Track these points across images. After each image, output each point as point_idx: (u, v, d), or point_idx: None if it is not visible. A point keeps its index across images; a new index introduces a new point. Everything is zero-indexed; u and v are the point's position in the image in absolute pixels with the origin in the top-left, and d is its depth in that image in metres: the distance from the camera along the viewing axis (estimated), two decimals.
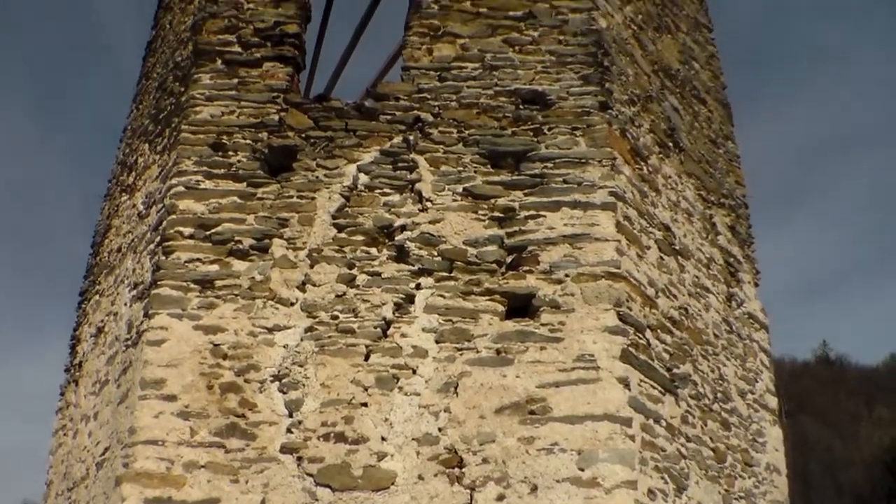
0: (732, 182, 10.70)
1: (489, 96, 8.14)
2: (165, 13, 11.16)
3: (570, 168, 7.74)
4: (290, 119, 8.05)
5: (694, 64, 10.93)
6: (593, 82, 8.22)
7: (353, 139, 7.92)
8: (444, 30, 8.52)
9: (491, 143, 7.86)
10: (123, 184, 9.90)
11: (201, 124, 8.12)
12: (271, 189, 7.76)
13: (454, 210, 7.57)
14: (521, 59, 8.36)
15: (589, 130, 7.95)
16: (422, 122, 7.99)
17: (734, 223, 10.26)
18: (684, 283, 8.54)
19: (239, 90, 8.27)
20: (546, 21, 8.61)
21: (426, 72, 8.28)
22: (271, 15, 8.70)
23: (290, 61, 8.45)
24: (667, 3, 10.91)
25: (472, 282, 7.28)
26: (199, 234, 7.60)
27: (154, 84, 10.08)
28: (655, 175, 8.63)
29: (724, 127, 11.11)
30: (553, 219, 7.52)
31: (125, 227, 9.21)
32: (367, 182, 7.74)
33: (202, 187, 7.81)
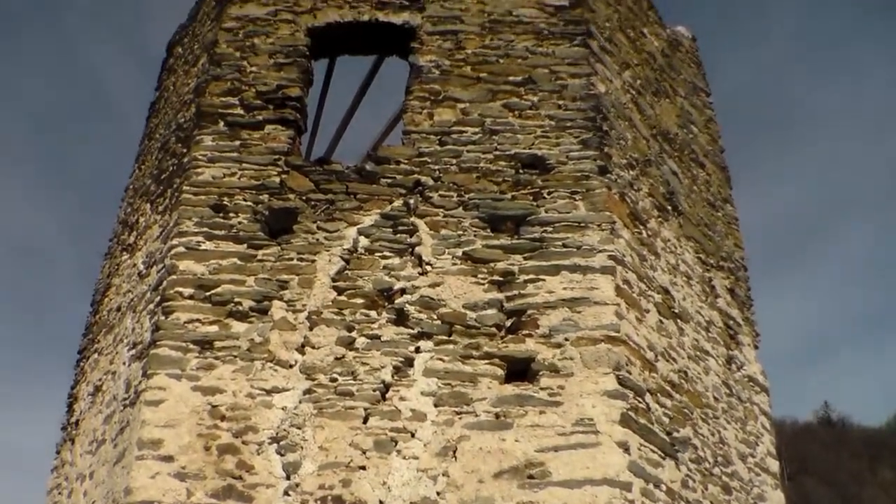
0: (731, 245, 10.74)
1: (489, 160, 8.22)
2: (169, 75, 11.28)
3: (570, 232, 7.78)
4: (291, 182, 8.12)
5: (692, 128, 11.02)
6: (592, 147, 8.29)
7: (354, 202, 7.98)
8: (444, 94, 8.63)
9: (491, 207, 7.92)
10: (124, 243, 9.93)
11: (203, 185, 8.18)
12: (272, 251, 7.79)
13: (454, 274, 7.59)
14: (520, 124, 8.46)
15: (588, 194, 8.00)
16: (422, 186, 8.06)
17: (733, 286, 10.27)
18: (684, 346, 8.53)
19: (241, 152, 8.35)
20: (545, 86, 8.72)
21: (427, 136, 8.37)
22: (274, 78, 8.82)
23: (291, 124, 8.55)
24: (665, 68, 11.03)
25: (471, 345, 7.27)
26: (198, 295, 7.61)
27: (157, 144, 10.16)
28: (654, 238, 8.66)
29: (722, 190, 11.17)
30: (552, 283, 7.53)
31: (125, 286, 9.22)
32: (367, 245, 7.78)
33: (203, 248, 7.84)
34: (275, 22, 9.30)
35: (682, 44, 12.12)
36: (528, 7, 9.39)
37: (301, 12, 9.36)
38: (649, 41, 11.03)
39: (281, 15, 9.34)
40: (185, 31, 11.50)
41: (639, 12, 11.16)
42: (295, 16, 9.33)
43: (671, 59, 11.47)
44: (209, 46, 9.48)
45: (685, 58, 12.00)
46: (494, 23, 9.22)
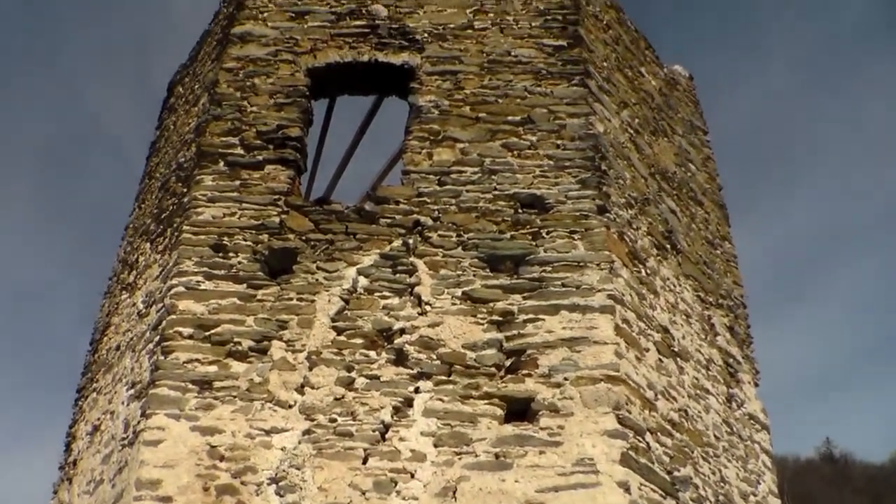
0: (730, 283, 10.74)
1: (488, 200, 8.25)
2: (170, 114, 11.34)
3: (569, 271, 7.79)
4: (290, 221, 8.15)
5: (690, 166, 11.07)
6: (591, 186, 8.33)
7: (354, 242, 8.01)
8: (443, 134, 8.68)
9: (490, 247, 7.94)
10: (124, 282, 9.93)
11: (203, 225, 8.21)
12: (271, 291, 7.80)
13: (453, 314, 7.60)
14: (519, 164, 8.51)
15: (587, 234, 8.03)
16: (421, 226, 8.09)
17: (733, 324, 10.27)
18: (684, 384, 8.51)
19: (241, 192, 8.39)
20: (544, 126, 8.77)
21: (426, 176, 8.41)
22: (274, 118, 8.87)
23: (291, 164, 8.59)
24: (662, 107, 11.10)
25: (470, 385, 7.26)
26: (198, 335, 7.61)
27: (157, 184, 10.20)
28: (654, 277, 8.68)
29: (720, 228, 11.20)
30: (552, 322, 7.54)
31: (125, 325, 9.21)
32: (366, 285, 7.79)
33: (202, 288, 7.85)
34: (275, 62, 9.38)
35: (679, 82, 12.21)
36: (527, 47, 9.47)
37: (301, 53, 9.44)
38: (647, 80, 11.11)
39: (281, 55, 9.42)
40: (186, 70, 11.58)
41: (636, 52, 11.24)
42: (295, 56, 9.41)
43: (669, 97, 11.54)
44: (210, 86, 9.54)
45: (682, 96, 12.08)
46: (493, 63, 9.30)
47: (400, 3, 9.90)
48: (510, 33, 9.62)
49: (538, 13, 9.88)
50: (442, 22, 9.70)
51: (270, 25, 9.74)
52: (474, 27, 9.68)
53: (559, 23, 9.76)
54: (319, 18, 9.76)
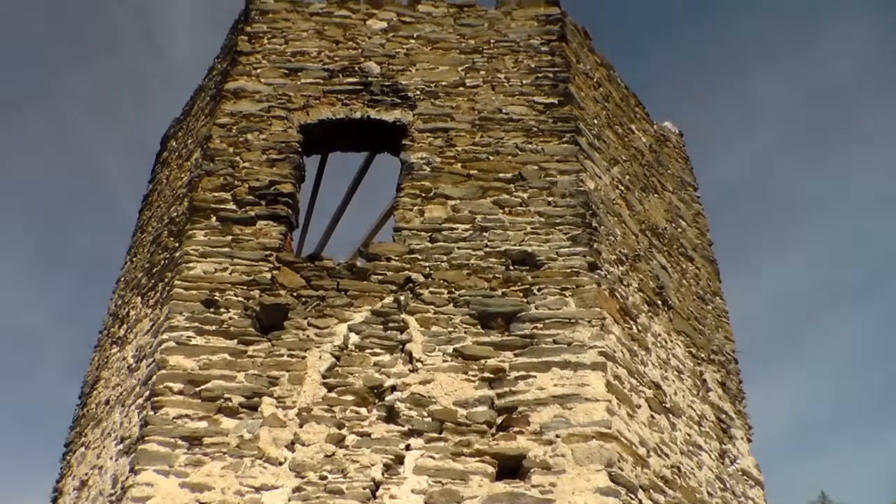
0: (722, 338, 10.75)
1: (479, 257, 8.28)
2: (163, 168, 11.39)
3: (560, 328, 7.79)
4: (282, 278, 8.15)
5: (681, 222, 11.13)
6: (582, 243, 8.37)
7: (345, 299, 8.02)
8: (435, 191, 8.74)
9: (481, 304, 7.96)
10: (114, 336, 9.90)
11: (194, 280, 8.20)
12: (262, 347, 7.78)
13: (444, 371, 7.58)
14: (510, 221, 8.55)
15: (578, 291, 8.04)
16: (413, 283, 8.10)
17: (725, 379, 10.26)
18: (676, 441, 8.48)
19: (232, 248, 8.40)
20: (535, 183, 8.83)
21: (417, 232, 8.45)
22: (266, 174, 8.92)
23: (283, 220, 8.63)
24: (653, 164, 11.18)
25: (462, 443, 7.21)
26: (188, 390, 7.56)
27: (149, 238, 10.21)
28: (645, 333, 8.68)
29: (711, 283, 11.23)
30: (543, 379, 7.52)
31: (114, 379, 9.16)
32: (357, 342, 7.77)
33: (193, 343, 7.82)
34: (268, 118, 9.44)
35: (669, 139, 12.32)
36: (518, 105, 9.57)
37: (294, 109, 9.52)
38: (637, 137, 11.20)
39: (274, 111, 9.49)
40: (180, 124, 11.66)
41: (626, 109, 11.35)
42: (288, 112, 9.48)
43: (659, 154, 11.64)
44: (203, 141, 9.60)
45: (673, 153, 12.18)
46: (484, 120, 9.39)
47: (392, 60, 10.02)
48: (501, 91, 9.74)
49: (529, 71, 10.00)
50: (434, 79, 9.81)
51: (264, 82, 9.83)
52: (466, 84, 9.79)
53: (550, 80, 9.87)
54: (312, 75, 9.86)
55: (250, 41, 10.31)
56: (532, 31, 10.54)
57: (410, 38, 10.35)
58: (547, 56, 10.19)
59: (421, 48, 10.23)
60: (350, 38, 10.31)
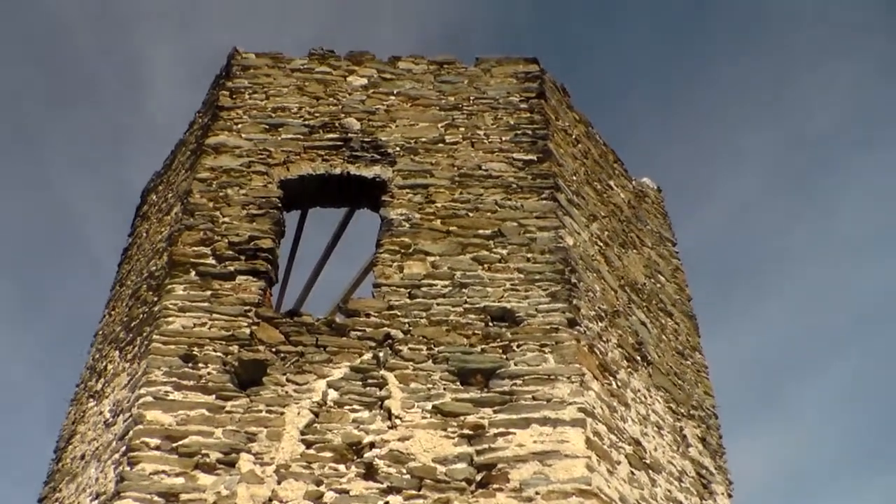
0: (701, 393, 10.76)
1: (459, 313, 8.30)
2: (143, 221, 11.38)
3: (540, 385, 7.79)
4: (261, 333, 8.14)
5: (660, 277, 11.19)
6: (561, 299, 8.40)
7: (324, 355, 8.00)
8: (414, 247, 8.77)
9: (460, 361, 7.95)
10: (91, 389, 9.82)
11: (173, 335, 8.17)
12: (240, 403, 7.74)
13: (423, 427, 7.55)
14: (490, 277, 8.59)
15: (557, 347, 8.06)
16: (392, 339, 8.10)
17: (705, 434, 10.25)
18: (656, 497, 8.45)
19: (212, 302, 8.38)
20: (515, 239, 8.88)
21: (397, 289, 8.47)
22: (246, 229, 8.93)
23: (262, 275, 8.63)
24: (632, 219, 11.26)
25: (441, 500, 7.17)
26: (165, 446, 7.49)
27: (128, 291, 10.17)
28: (624, 389, 8.69)
29: (690, 338, 11.26)
30: (523, 436, 7.50)
31: (91, 434, 9.08)
32: (336, 398, 7.74)
33: (171, 398, 7.77)
34: (248, 173, 9.47)
35: (647, 195, 12.42)
36: (497, 161, 9.65)
37: (274, 164, 9.56)
38: (616, 193, 11.30)
39: (254, 167, 9.53)
40: (160, 178, 11.67)
41: (605, 165, 11.46)
42: (268, 168, 9.52)
43: (637, 210, 11.73)
44: (183, 196, 9.61)
45: (651, 208, 12.28)
46: (464, 177, 9.46)
47: (372, 116, 10.10)
48: (481, 147, 9.82)
49: (508, 128, 10.09)
50: (414, 136, 9.89)
51: (245, 137, 9.87)
52: (445, 141, 9.87)
53: (529, 137, 9.97)
54: (293, 131, 9.92)
55: (231, 96, 10.38)
56: (511, 89, 10.66)
57: (391, 94, 10.45)
58: (526, 113, 10.30)
59: (401, 105, 10.32)
60: (331, 94, 10.40)
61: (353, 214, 10.66)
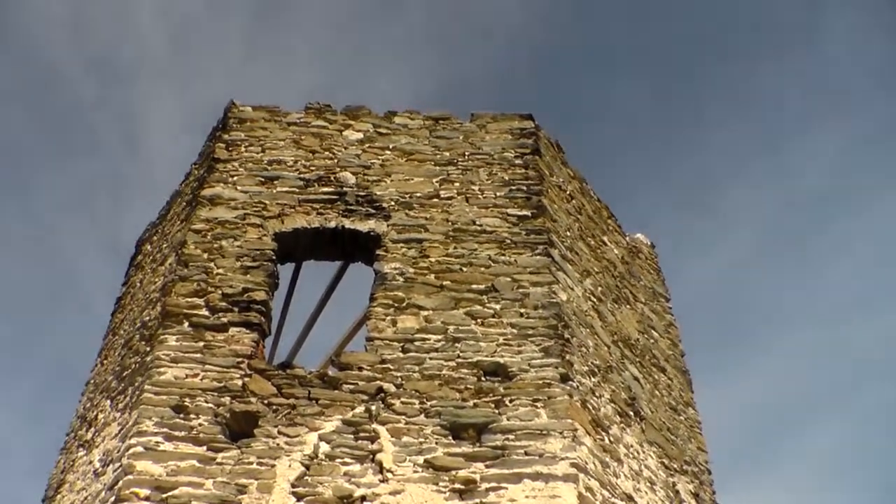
0: (694, 448, 10.73)
1: (452, 368, 8.30)
2: (137, 271, 11.40)
3: (532, 440, 7.78)
4: (253, 385, 8.13)
5: (653, 333, 11.20)
6: (554, 354, 8.41)
7: (316, 407, 7.98)
8: (408, 301, 8.80)
9: (452, 415, 7.94)
10: (81, 438, 9.77)
11: (164, 385, 8.16)
12: (231, 454, 7.71)
13: (415, 481, 7.51)
14: (483, 332, 8.61)
15: (550, 402, 8.06)
16: (384, 393, 8.09)
17: (698, 490, 10.21)
18: None
19: (204, 353, 8.39)
20: (508, 294, 8.91)
21: (389, 342, 8.48)
22: (240, 281, 8.95)
23: (255, 327, 8.64)
24: (625, 275, 11.31)
25: None
26: (155, 497, 7.44)
27: (120, 340, 10.16)
28: (617, 445, 8.67)
29: (683, 394, 11.25)
30: (514, 491, 7.47)
31: (80, 483, 9.03)
32: (327, 451, 7.71)
33: (161, 449, 7.74)
34: (243, 225, 9.51)
35: (641, 251, 12.48)
36: (491, 217, 9.71)
37: (269, 217, 9.60)
38: (609, 249, 11.35)
39: (249, 219, 9.57)
40: (155, 228, 11.70)
41: (599, 221, 11.52)
42: (263, 220, 9.57)
43: (631, 265, 11.78)
44: (178, 246, 9.63)
45: (645, 264, 12.33)
46: (458, 231, 9.51)
47: (367, 171, 10.17)
48: (475, 202, 9.89)
49: (503, 183, 10.16)
50: (408, 190, 9.95)
51: (240, 189, 9.92)
52: (440, 196, 9.93)
53: (523, 193, 10.03)
54: (288, 184, 9.98)
55: (228, 148, 10.44)
56: (506, 144, 10.75)
57: (386, 149, 10.53)
58: (521, 169, 10.38)
59: (396, 159, 10.40)
60: (326, 148, 10.47)
61: (346, 268, 10.68)
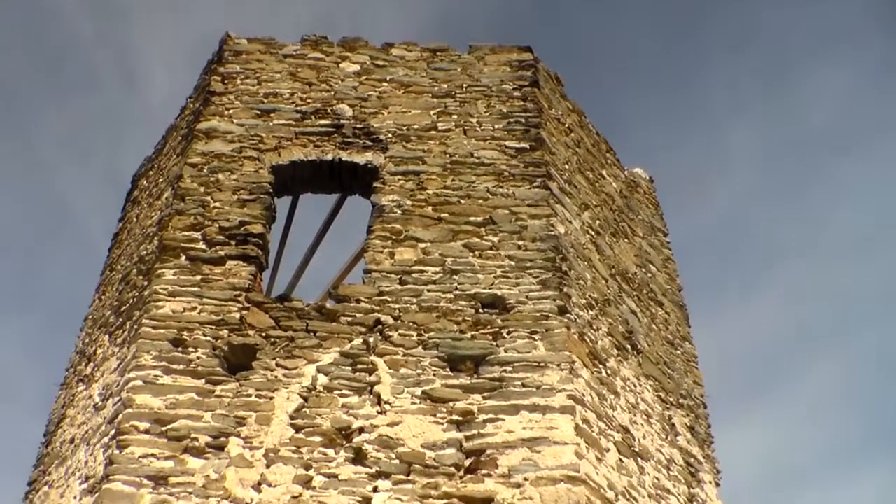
0: (691, 382, 10.78)
1: (449, 300, 8.30)
2: (133, 206, 11.35)
3: (529, 372, 7.81)
4: (251, 318, 8.13)
5: (651, 267, 11.20)
6: (552, 287, 8.41)
7: (314, 340, 8.00)
8: (405, 234, 8.77)
9: (450, 347, 7.96)
10: (81, 374, 9.80)
11: (162, 319, 8.16)
12: (230, 387, 7.74)
13: (413, 413, 7.56)
14: (480, 264, 8.59)
15: (548, 334, 8.07)
16: (382, 325, 8.10)
17: (693, 423, 10.28)
18: (644, 485, 8.47)
19: (201, 287, 8.37)
20: (506, 227, 8.88)
21: (387, 275, 8.47)
22: (237, 214, 8.91)
23: (253, 260, 8.62)
24: (623, 209, 11.27)
25: (429, 485, 7.19)
26: (154, 430, 7.48)
27: (118, 276, 10.15)
28: (614, 378, 8.70)
29: (680, 328, 11.28)
30: (512, 422, 7.52)
31: (80, 417, 9.07)
32: (326, 383, 7.74)
33: (160, 382, 7.76)
34: (239, 159, 9.45)
35: (639, 185, 12.43)
36: (490, 149, 9.65)
37: (266, 150, 9.54)
38: (608, 182, 11.30)
39: (246, 152, 9.51)
40: (151, 163, 11.63)
41: (597, 154, 11.46)
42: (260, 153, 9.50)
43: (629, 199, 11.74)
44: (174, 180, 9.58)
45: (643, 198, 12.29)
46: (456, 164, 9.45)
47: (365, 103, 10.08)
48: (473, 135, 9.81)
49: (501, 116, 10.08)
50: (406, 123, 9.87)
51: (236, 122, 9.85)
52: (438, 128, 9.85)
53: (522, 125, 9.96)
54: (285, 117, 9.89)
55: (223, 81, 10.34)
56: (505, 77, 10.66)
57: (383, 81, 10.43)
58: (519, 101, 10.29)
59: (393, 91, 10.30)
60: (323, 81, 10.37)
61: (344, 200, 10.64)
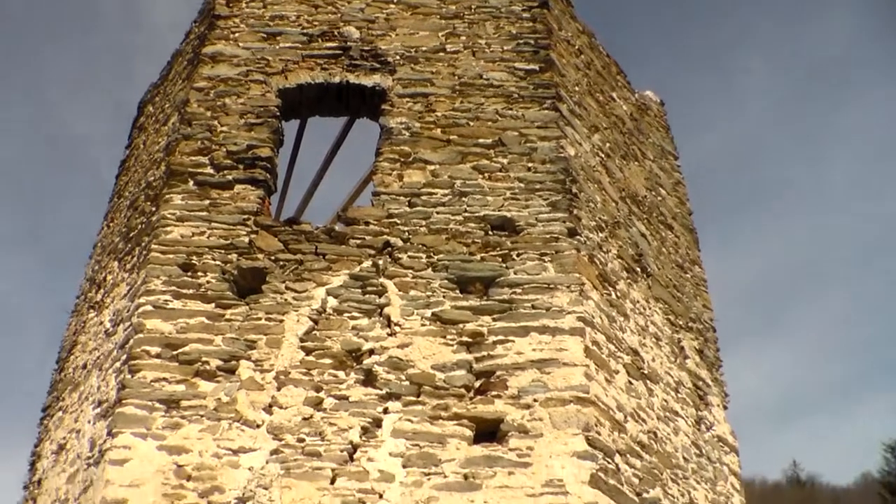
0: (700, 306, 10.79)
1: (458, 222, 8.27)
2: (140, 133, 11.30)
3: (539, 293, 7.81)
4: (259, 241, 8.12)
5: (661, 190, 11.14)
6: (562, 209, 8.37)
7: (323, 263, 7.99)
8: (414, 156, 8.71)
9: (460, 269, 7.96)
10: (91, 300, 9.85)
11: (171, 244, 8.16)
12: (240, 310, 7.76)
13: (422, 335, 7.59)
14: (490, 186, 8.54)
15: (557, 256, 8.06)
16: (391, 247, 8.09)
17: (702, 347, 10.31)
18: (653, 406, 8.52)
19: (210, 211, 8.35)
20: (515, 149, 8.81)
21: (396, 197, 8.43)
22: (244, 138, 8.85)
23: (261, 184, 8.58)
24: (633, 132, 11.18)
25: (439, 406, 7.24)
26: (165, 354, 7.54)
27: (126, 202, 10.14)
28: (624, 300, 8.70)
29: (690, 252, 11.26)
30: (521, 344, 7.54)
31: (92, 343, 9.13)
32: (335, 305, 7.76)
33: (170, 307, 7.80)
34: (246, 82, 9.36)
35: (650, 108, 12.31)
36: (498, 71, 9.53)
37: (272, 73, 9.44)
38: (618, 105, 11.19)
39: (252, 76, 9.41)
40: (157, 89, 11.55)
41: (608, 77, 11.33)
42: (266, 77, 9.40)
43: (640, 122, 11.63)
44: (180, 106, 9.52)
45: (653, 122, 12.18)
46: (465, 86, 9.35)
47: (372, 25, 9.93)
48: (482, 56, 9.68)
49: (510, 37, 9.94)
50: (414, 45, 9.75)
51: (242, 46, 9.73)
52: (446, 50, 9.73)
53: (531, 47, 9.82)
54: (291, 39, 9.77)
55: (228, 5, 10.20)
56: None
57: (390, 2, 10.26)
58: (528, 22, 10.14)
59: (401, 13, 10.14)
60: (329, 3, 10.21)
61: (352, 123, 10.57)
